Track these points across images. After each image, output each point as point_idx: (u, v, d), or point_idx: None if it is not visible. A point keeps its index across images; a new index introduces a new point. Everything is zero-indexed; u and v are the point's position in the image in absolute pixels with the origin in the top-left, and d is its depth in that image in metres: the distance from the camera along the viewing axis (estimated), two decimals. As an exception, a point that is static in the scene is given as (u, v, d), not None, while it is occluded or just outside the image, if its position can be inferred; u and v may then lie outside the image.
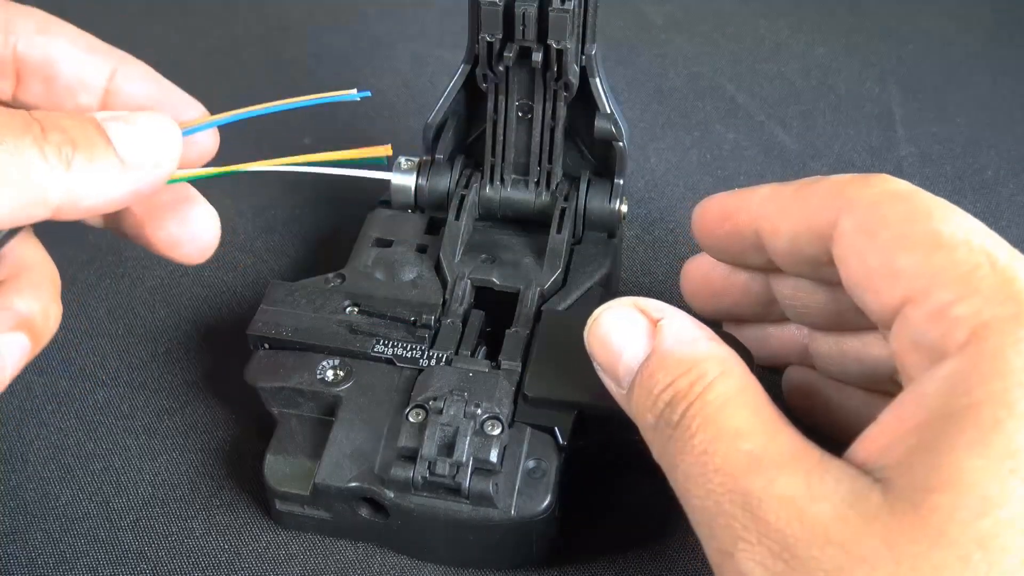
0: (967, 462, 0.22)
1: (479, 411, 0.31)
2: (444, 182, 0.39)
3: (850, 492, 0.23)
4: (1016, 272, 0.24)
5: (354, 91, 0.30)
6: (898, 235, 0.26)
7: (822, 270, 0.29)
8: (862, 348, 0.32)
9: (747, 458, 0.24)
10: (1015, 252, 0.25)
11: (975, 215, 0.48)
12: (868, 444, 0.24)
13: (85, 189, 0.26)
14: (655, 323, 0.28)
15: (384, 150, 0.30)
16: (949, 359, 0.23)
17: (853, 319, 0.31)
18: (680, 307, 0.29)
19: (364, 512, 0.32)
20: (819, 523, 0.23)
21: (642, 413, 0.28)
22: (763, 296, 0.33)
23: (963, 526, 0.21)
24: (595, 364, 0.30)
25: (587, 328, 0.30)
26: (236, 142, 0.42)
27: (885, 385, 0.32)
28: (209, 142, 0.32)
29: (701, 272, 0.35)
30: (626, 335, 0.28)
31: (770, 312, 0.34)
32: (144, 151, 0.28)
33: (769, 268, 0.32)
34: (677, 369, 0.27)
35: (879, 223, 0.26)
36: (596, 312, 0.29)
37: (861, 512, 0.23)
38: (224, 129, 0.32)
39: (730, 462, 0.25)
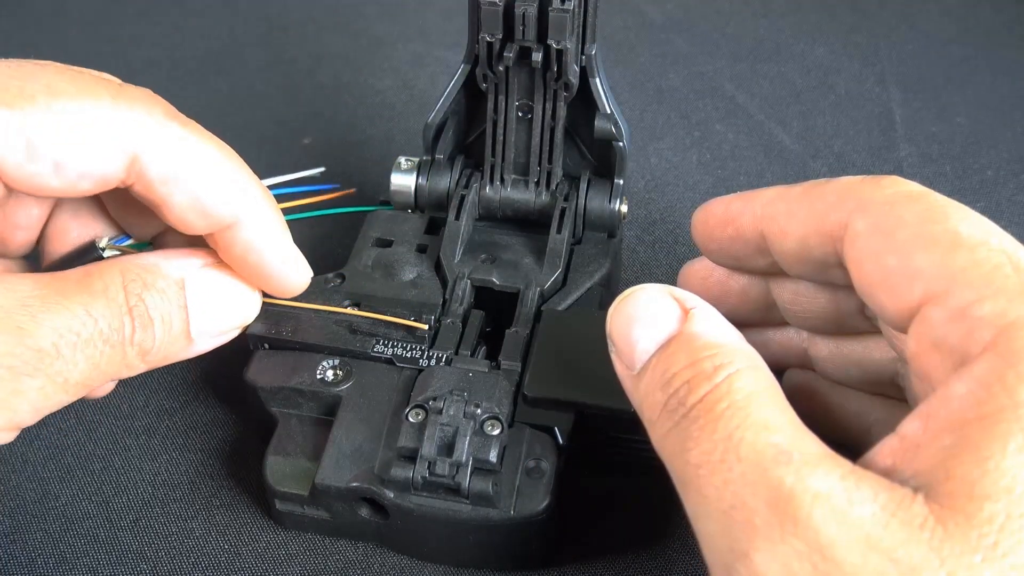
0: (1019, 468, 0.21)
1: (479, 411, 0.31)
2: (444, 182, 0.39)
3: (890, 500, 0.22)
4: None
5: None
6: (915, 235, 0.25)
7: (828, 272, 0.29)
8: (862, 352, 0.32)
9: (776, 450, 0.23)
10: None
11: (975, 215, 0.48)
12: (892, 452, 0.23)
13: (149, 367, 0.30)
14: (686, 312, 0.27)
15: (421, 326, 0.35)
16: (979, 360, 0.22)
17: (853, 323, 0.31)
18: None
19: (364, 512, 0.32)
20: (860, 527, 0.21)
21: (651, 392, 0.26)
22: (762, 300, 0.33)
23: (1018, 535, 0.21)
24: (609, 341, 0.28)
25: (613, 304, 0.28)
26: (237, 143, 0.42)
27: (885, 388, 0.32)
28: (302, 281, 0.33)
29: (699, 277, 0.34)
30: (653, 316, 0.27)
31: (769, 316, 0.33)
32: (214, 331, 0.31)
33: (771, 272, 0.31)
34: (703, 352, 0.26)
35: (895, 223, 0.26)
36: (627, 291, 0.28)
37: (905, 520, 0.21)
38: (224, 130, 0.32)
39: (757, 452, 0.23)
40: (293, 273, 0.32)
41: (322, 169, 0.41)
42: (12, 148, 0.26)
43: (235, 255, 0.31)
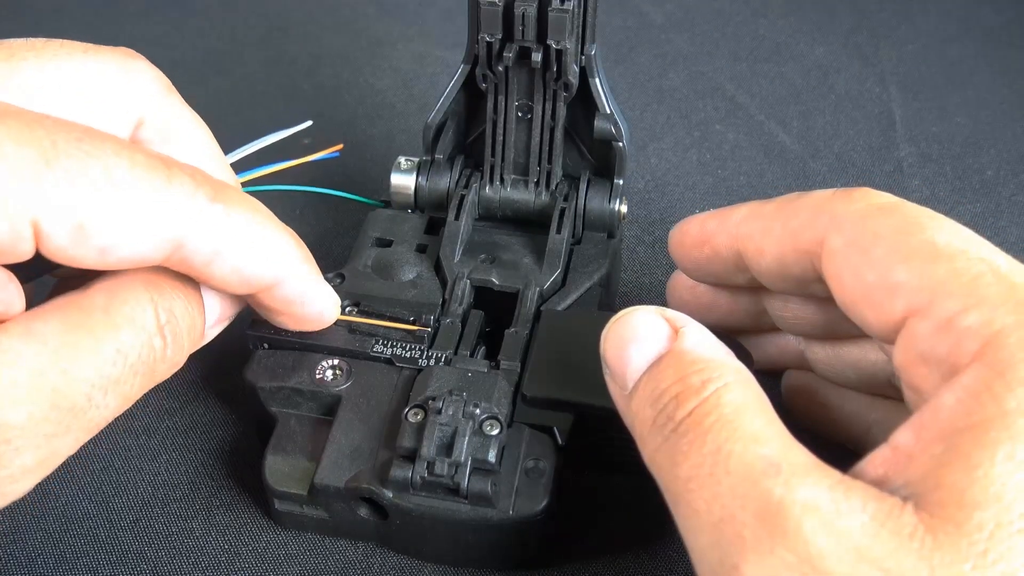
0: (1008, 477, 0.21)
1: (478, 411, 0.31)
2: (444, 182, 0.39)
3: (879, 510, 0.22)
4: (1019, 279, 0.24)
5: None
6: (893, 249, 0.25)
7: (810, 287, 0.29)
8: (858, 354, 0.32)
9: (765, 463, 0.23)
10: (1012, 259, 0.25)
11: (975, 215, 0.49)
12: (884, 461, 0.23)
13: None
14: (676, 331, 0.27)
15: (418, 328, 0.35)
16: (966, 370, 0.23)
17: (846, 328, 0.30)
18: None
19: (363, 512, 0.32)
20: (850, 537, 0.21)
21: (641, 408, 0.26)
22: (753, 308, 0.33)
23: (1007, 543, 0.21)
24: (603, 364, 0.28)
25: (606, 327, 0.28)
26: (237, 143, 0.42)
27: (883, 389, 0.32)
28: (333, 315, 0.34)
29: (686, 287, 0.34)
30: (644, 336, 0.27)
31: (762, 322, 0.33)
32: (221, 320, 0.31)
33: (753, 286, 0.31)
34: (691, 367, 0.26)
35: (871, 238, 0.26)
36: (619, 313, 0.28)
37: (894, 530, 0.21)
38: (224, 130, 0.32)
39: (746, 464, 0.23)
40: (327, 312, 0.33)
41: (310, 123, 0.44)
42: (61, 230, 0.25)
43: (274, 308, 0.31)
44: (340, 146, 0.44)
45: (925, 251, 0.25)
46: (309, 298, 0.32)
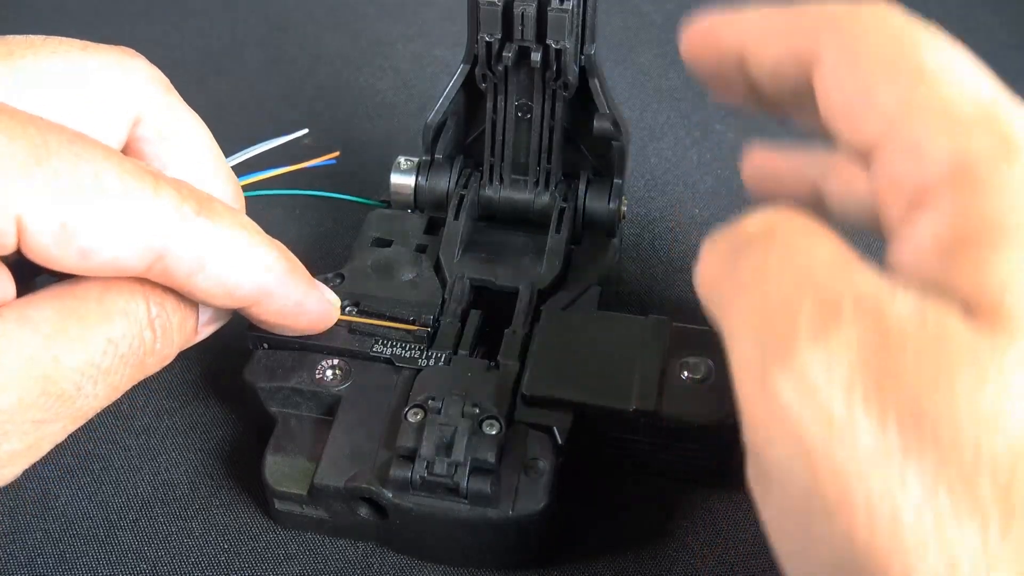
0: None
1: (477, 411, 0.31)
2: (443, 182, 0.40)
3: (922, 295, 0.21)
4: (998, 107, 0.23)
5: None
6: (881, 65, 0.24)
7: (805, 102, 0.28)
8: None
9: (834, 256, 0.22)
10: (998, 89, 0.24)
11: (975, 214, 0.48)
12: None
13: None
14: None
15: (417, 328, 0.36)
16: (938, 195, 0.22)
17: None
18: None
19: (363, 512, 0.32)
20: (911, 303, 0.20)
21: (710, 249, 0.25)
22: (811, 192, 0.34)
23: None
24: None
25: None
26: (237, 143, 0.42)
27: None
28: (328, 318, 0.34)
29: (762, 158, 0.35)
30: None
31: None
32: (214, 320, 0.31)
33: (753, 97, 0.30)
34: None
35: (862, 52, 0.25)
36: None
37: (945, 313, 0.20)
38: (224, 130, 0.32)
39: (812, 258, 0.22)
40: (323, 319, 0.33)
41: (306, 131, 0.45)
42: (45, 228, 0.25)
43: (267, 321, 0.32)
44: (336, 153, 0.44)
45: (912, 72, 0.24)
46: (302, 310, 0.32)
